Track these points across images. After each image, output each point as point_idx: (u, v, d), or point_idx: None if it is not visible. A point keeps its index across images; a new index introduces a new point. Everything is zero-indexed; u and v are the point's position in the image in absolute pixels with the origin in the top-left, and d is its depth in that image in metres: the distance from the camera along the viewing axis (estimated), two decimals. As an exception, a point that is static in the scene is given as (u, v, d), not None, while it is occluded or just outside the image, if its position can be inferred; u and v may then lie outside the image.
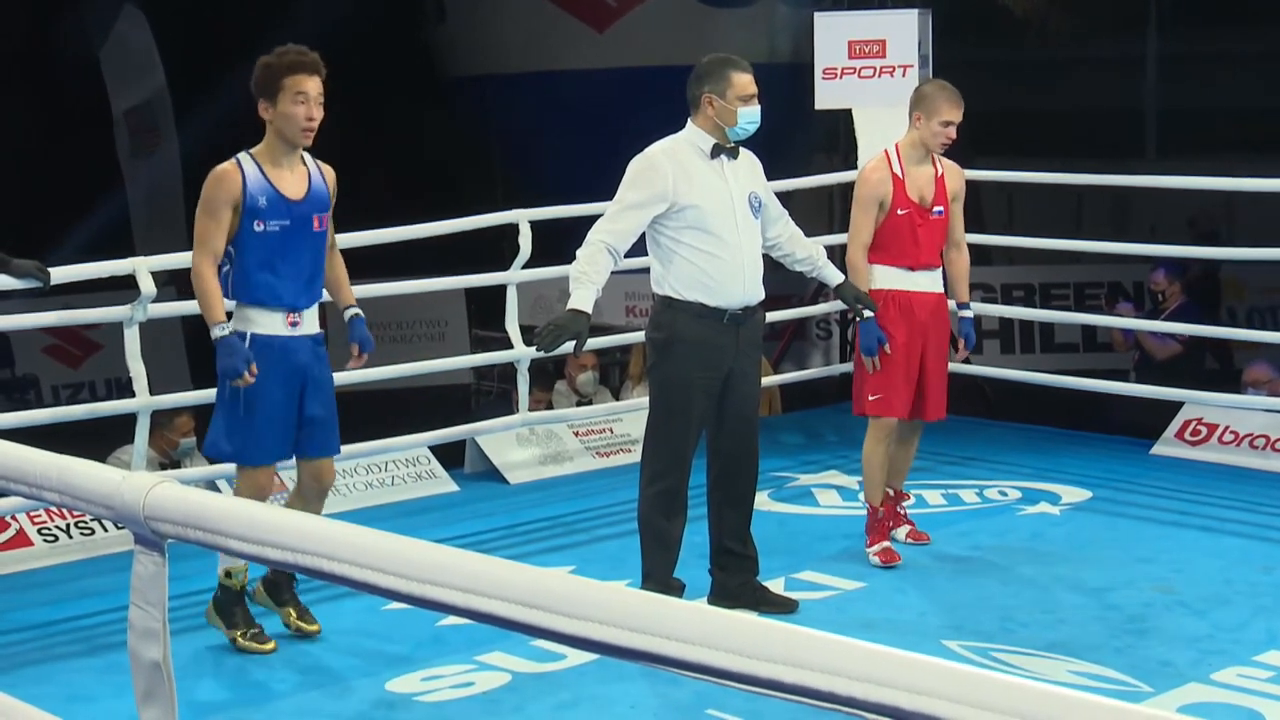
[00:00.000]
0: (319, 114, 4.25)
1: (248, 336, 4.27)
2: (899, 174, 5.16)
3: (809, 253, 4.86)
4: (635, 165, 4.54)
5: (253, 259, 4.24)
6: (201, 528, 1.93)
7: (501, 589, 1.67)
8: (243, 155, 4.29)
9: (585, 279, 4.39)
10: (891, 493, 5.33)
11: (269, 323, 4.28)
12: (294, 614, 4.50)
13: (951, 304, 5.43)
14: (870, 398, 5.18)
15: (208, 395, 5.87)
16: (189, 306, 6.45)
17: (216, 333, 4.22)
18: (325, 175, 4.39)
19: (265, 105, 4.24)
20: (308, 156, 4.36)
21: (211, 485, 5.66)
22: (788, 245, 4.82)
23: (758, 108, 4.55)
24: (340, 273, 4.58)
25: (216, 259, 4.23)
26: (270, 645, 4.38)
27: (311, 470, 4.46)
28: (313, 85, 4.23)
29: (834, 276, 4.94)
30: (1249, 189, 8.16)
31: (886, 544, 5.21)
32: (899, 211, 5.14)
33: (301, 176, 4.31)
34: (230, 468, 5.70)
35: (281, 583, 4.51)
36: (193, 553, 2.26)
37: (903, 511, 5.43)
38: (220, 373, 4.24)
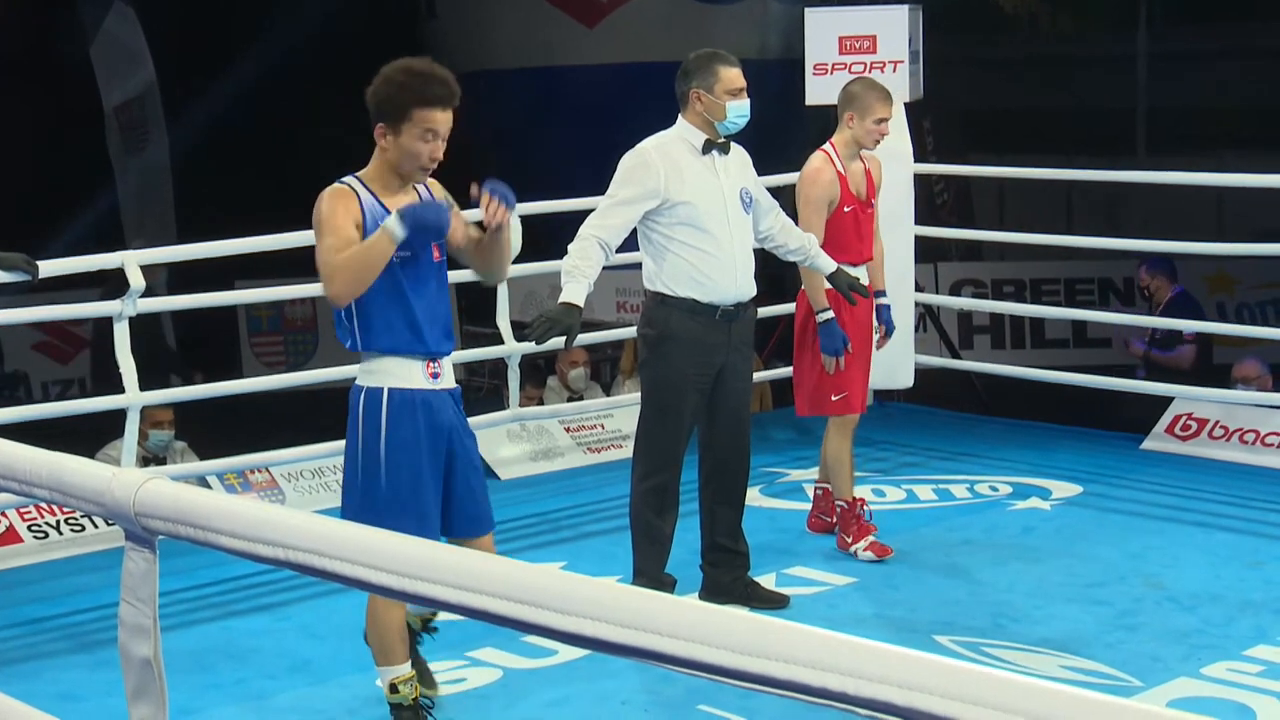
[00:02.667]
0: (441, 153, 3.63)
1: (383, 392, 3.60)
2: (841, 171, 5.23)
3: (801, 243, 4.87)
4: (627, 161, 4.54)
5: (378, 297, 3.58)
6: (192, 524, 1.92)
7: (492, 585, 1.66)
8: (350, 179, 3.64)
9: (577, 273, 4.39)
10: (829, 489, 5.36)
11: (407, 374, 3.62)
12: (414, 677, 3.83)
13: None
14: (834, 398, 5.21)
15: (196, 392, 5.88)
16: (178, 301, 6.46)
17: (394, 227, 3.47)
18: (434, 193, 3.75)
19: (383, 130, 3.59)
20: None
21: (202, 482, 5.66)
22: (780, 236, 4.82)
23: (746, 102, 4.55)
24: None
25: None
26: None
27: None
28: (445, 120, 3.59)
29: (827, 265, 4.94)
30: (1238, 184, 8.18)
31: (873, 538, 5.23)
32: (845, 209, 5.21)
33: (413, 199, 3.66)
34: (222, 462, 5.72)
35: (409, 643, 3.85)
36: (184, 549, 2.25)
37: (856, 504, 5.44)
38: (432, 220, 3.54)
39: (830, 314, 5.09)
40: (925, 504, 5.96)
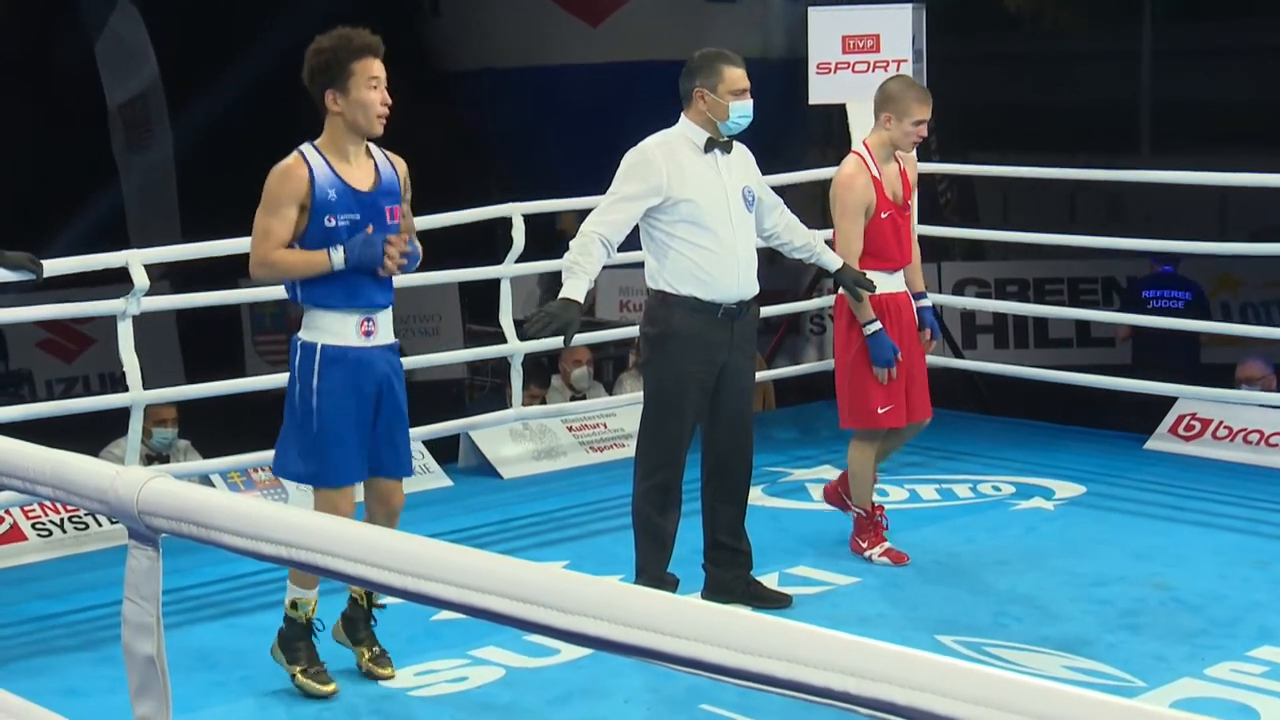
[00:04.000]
0: (388, 98, 3.95)
1: (317, 348, 3.94)
2: (876, 175, 5.08)
3: (806, 240, 4.85)
4: (629, 159, 4.54)
5: None
6: (196, 522, 1.93)
7: (495, 584, 1.67)
8: (305, 148, 3.97)
9: (577, 269, 4.39)
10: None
11: (341, 330, 3.95)
12: (367, 655, 4.17)
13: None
14: (880, 410, 5.06)
15: (200, 390, 5.88)
16: (182, 300, 6.47)
17: (336, 259, 3.88)
18: (396, 165, 4.08)
19: (333, 95, 3.91)
20: (374, 147, 4.06)
21: (206, 480, 5.66)
22: (785, 234, 4.82)
23: (750, 102, 4.55)
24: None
25: (282, 246, 3.92)
26: (331, 687, 4.04)
27: (380, 492, 4.12)
28: (381, 69, 3.94)
29: (833, 261, 4.91)
30: (1241, 184, 8.16)
31: (888, 544, 5.20)
32: (883, 215, 5.05)
33: (368, 168, 4.00)
34: (226, 461, 5.73)
35: (357, 619, 4.20)
36: (187, 547, 2.26)
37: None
38: (369, 262, 3.89)
39: (878, 324, 4.97)
40: (928, 504, 5.95)
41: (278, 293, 6.65)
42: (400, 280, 6.23)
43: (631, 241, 4.64)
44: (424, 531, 4.31)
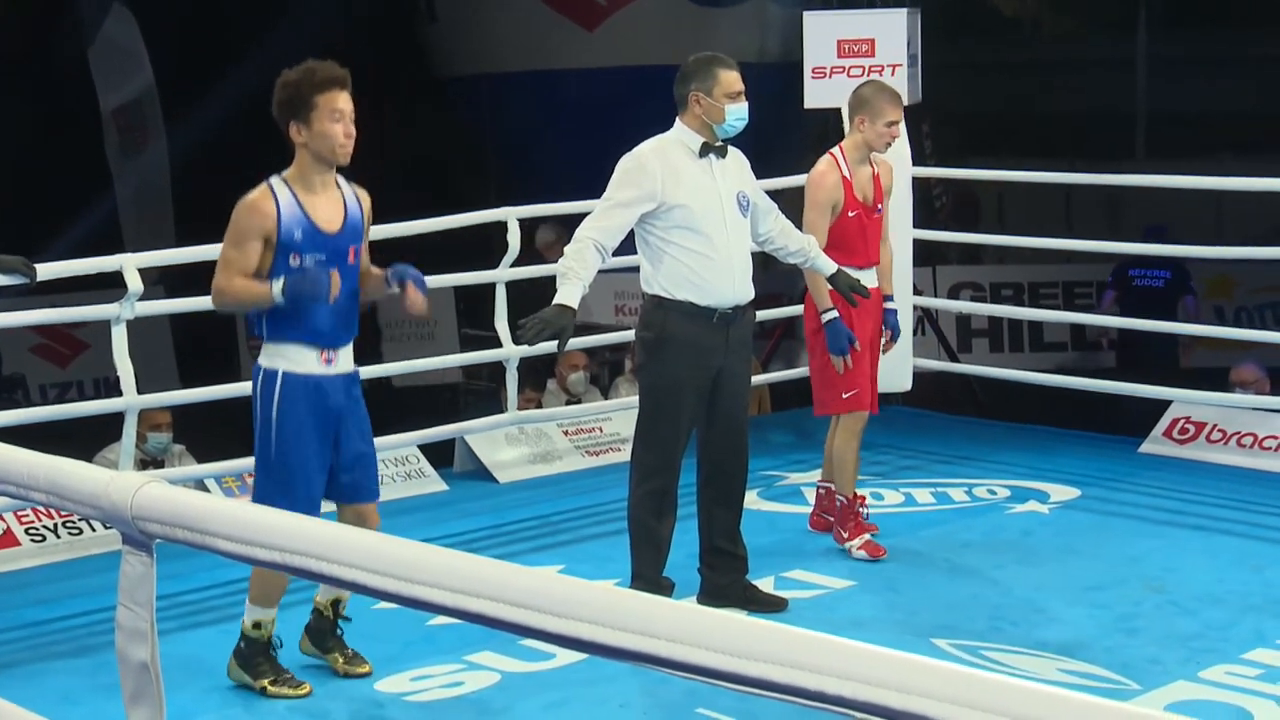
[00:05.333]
0: (353, 131, 3.97)
1: (278, 375, 3.98)
2: (847, 176, 5.23)
3: (801, 244, 4.87)
4: (624, 164, 4.54)
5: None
6: (189, 527, 1.92)
7: (490, 589, 1.66)
8: (275, 180, 3.98)
9: (572, 274, 4.39)
10: (832, 488, 5.36)
11: (302, 359, 3.98)
12: (342, 659, 4.23)
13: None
14: (844, 395, 5.23)
15: (194, 395, 5.88)
16: (177, 305, 6.46)
17: (277, 291, 3.89)
18: (361, 201, 4.09)
19: (297, 127, 3.94)
20: (342, 180, 4.07)
21: (200, 485, 5.66)
22: (780, 239, 4.82)
23: (745, 105, 4.55)
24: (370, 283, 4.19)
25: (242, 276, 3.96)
26: (305, 689, 4.09)
27: (352, 517, 4.10)
28: (346, 101, 3.94)
29: (827, 266, 4.94)
30: (1236, 188, 8.18)
31: (867, 537, 5.24)
32: (849, 214, 5.21)
33: (337, 203, 4.02)
34: (220, 465, 5.72)
35: (324, 629, 4.25)
36: (181, 553, 2.25)
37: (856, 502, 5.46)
38: (308, 297, 3.89)
39: (834, 313, 5.10)
40: (924, 507, 5.96)
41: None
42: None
43: (627, 246, 4.64)
44: (419, 536, 4.30)
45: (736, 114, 4.54)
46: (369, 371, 5.94)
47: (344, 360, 4.07)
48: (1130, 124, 14.50)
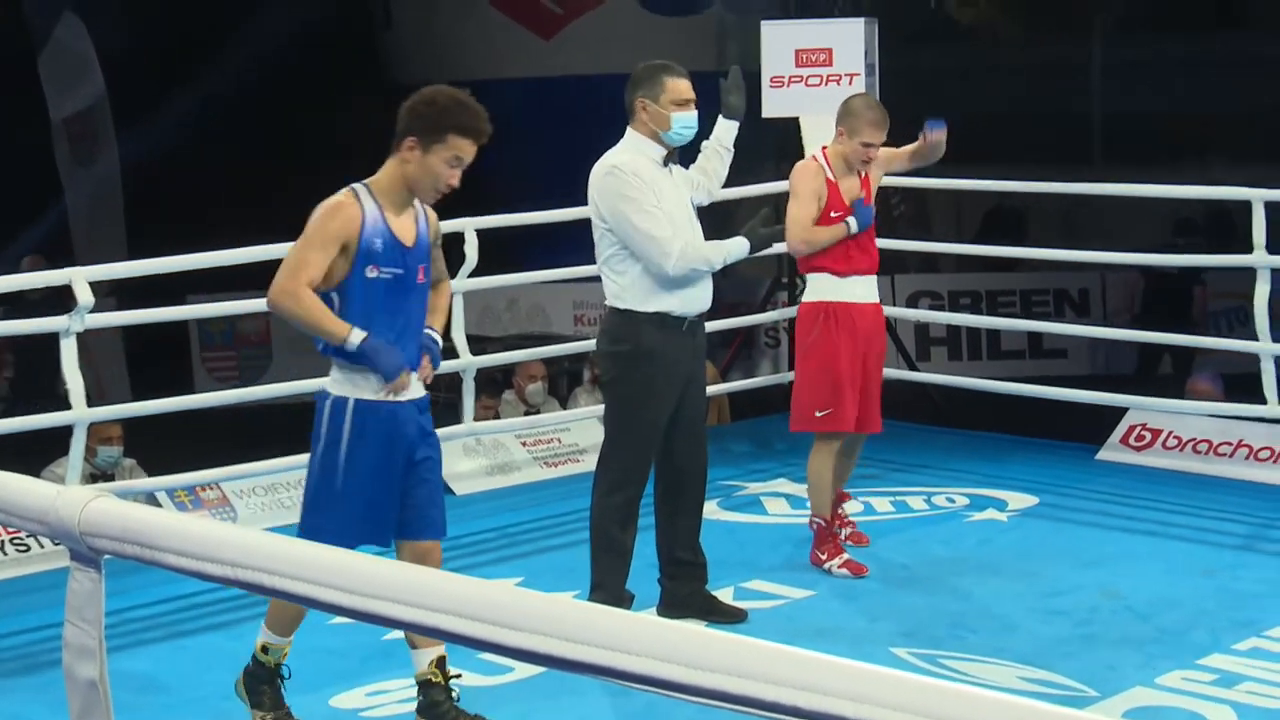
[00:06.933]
0: (458, 181, 3.79)
1: (349, 403, 3.75)
2: (831, 179, 5.16)
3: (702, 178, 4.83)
4: (618, 175, 4.45)
5: (360, 310, 3.73)
6: (139, 543, 1.90)
7: (447, 602, 1.65)
8: (359, 188, 3.76)
9: (712, 247, 4.50)
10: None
11: (373, 386, 3.76)
12: None
13: None
14: (818, 414, 5.15)
15: (146, 408, 5.81)
16: (128, 317, 6.41)
17: (354, 340, 3.68)
18: (429, 219, 3.90)
19: (413, 144, 3.72)
20: (417, 200, 3.87)
21: (151, 500, 5.61)
22: (700, 191, 4.81)
23: (694, 113, 4.54)
24: (440, 300, 4.03)
25: (311, 285, 3.70)
26: None
27: (416, 554, 3.86)
28: (471, 153, 3.77)
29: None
30: (1193, 196, 8.25)
31: (847, 556, 5.21)
32: (833, 214, 5.14)
33: (411, 219, 3.82)
34: (172, 479, 5.67)
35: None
36: (131, 568, 2.23)
37: (843, 513, 5.44)
38: (378, 368, 3.71)
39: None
40: (882, 516, 5.97)
41: (227, 309, 6.62)
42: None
43: (585, 255, 4.62)
44: (372, 549, 4.26)
45: (684, 122, 4.52)
46: (319, 384, 5.91)
47: (415, 386, 3.86)
48: (1087, 129, 14.61)
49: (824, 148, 5.24)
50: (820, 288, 5.20)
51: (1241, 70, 13.40)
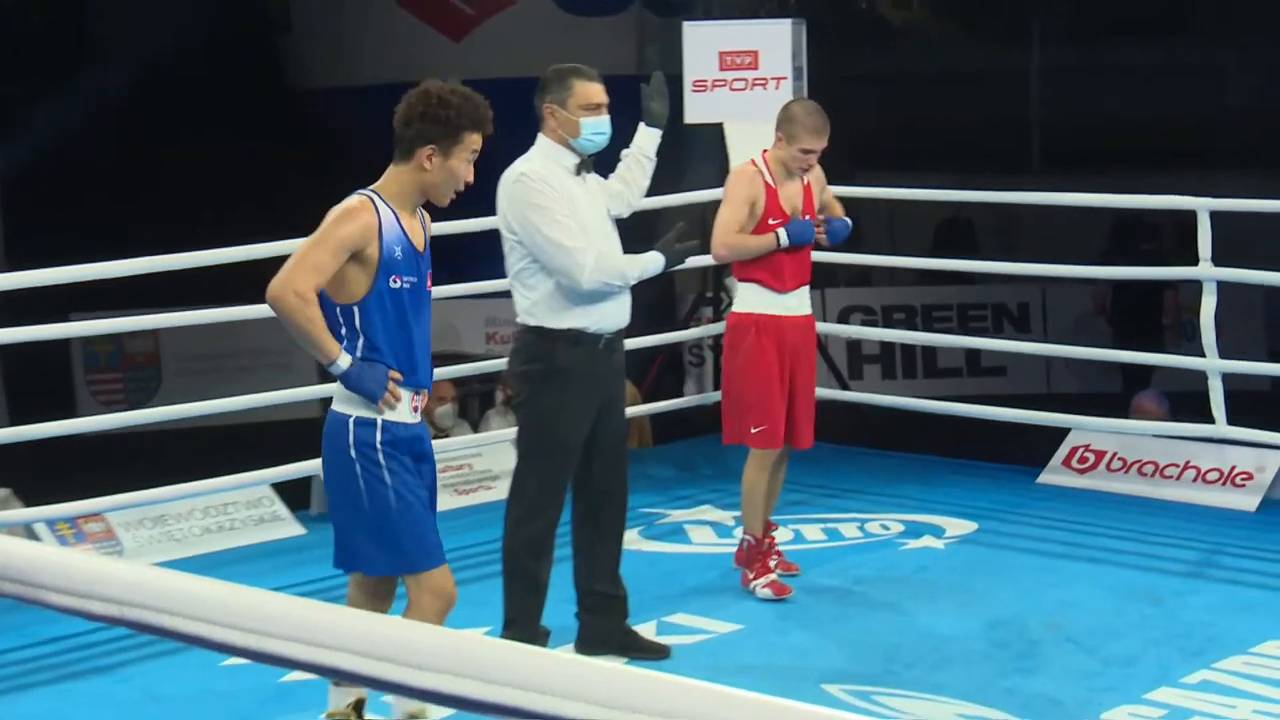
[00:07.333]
0: (471, 178, 3.86)
1: (378, 423, 3.75)
2: (770, 183, 5.20)
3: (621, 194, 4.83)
4: (530, 189, 4.43)
5: (383, 324, 3.75)
6: (16, 580, 1.87)
7: (348, 640, 1.64)
8: (372, 193, 3.78)
9: (627, 261, 4.52)
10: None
11: (400, 408, 3.79)
12: None
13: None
14: (753, 430, 5.21)
15: (24, 433, 5.71)
16: (5, 335, 6.29)
17: (342, 363, 3.71)
18: (426, 223, 3.95)
19: (431, 153, 3.75)
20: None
21: (30, 532, 5.52)
22: (617, 202, 4.81)
23: (605, 118, 4.54)
24: None
25: (318, 289, 3.70)
26: None
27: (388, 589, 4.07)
28: (479, 142, 3.83)
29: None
30: (1133, 206, 8.39)
31: (773, 576, 5.25)
32: (771, 221, 5.17)
33: (419, 225, 3.87)
34: (53, 509, 5.58)
35: None
36: (13, 606, 2.20)
37: (770, 541, 5.47)
38: (362, 392, 3.73)
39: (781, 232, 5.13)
40: (813, 544, 6.00)
41: (112, 326, 6.53)
42: (250, 311, 6.13)
43: (496, 270, 4.61)
44: (271, 584, 4.24)
45: (594, 128, 4.52)
46: (214, 405, 5.86)
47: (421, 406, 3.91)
48: (1025, 136, 14.81)
49: (764, 151, 5.28)
50: (750, 299, 5.24)
51: (1182, 77, 13.67)
